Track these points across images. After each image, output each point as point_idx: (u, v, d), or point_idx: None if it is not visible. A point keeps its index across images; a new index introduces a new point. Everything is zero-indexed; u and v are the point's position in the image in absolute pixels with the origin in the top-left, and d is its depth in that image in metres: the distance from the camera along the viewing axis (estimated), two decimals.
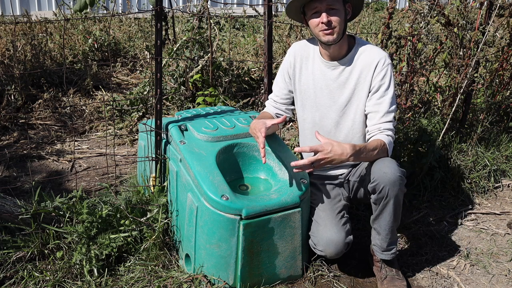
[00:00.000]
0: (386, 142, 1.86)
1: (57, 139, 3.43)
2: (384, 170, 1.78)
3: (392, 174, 1.76)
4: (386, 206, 1.83)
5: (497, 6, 2.83)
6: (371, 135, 1.91)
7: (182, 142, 2.00)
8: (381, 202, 1.83)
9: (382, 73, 1.90)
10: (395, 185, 1.77)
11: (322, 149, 1.72)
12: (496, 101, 3.29)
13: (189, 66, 3.63)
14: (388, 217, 1.86)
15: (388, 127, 1.89)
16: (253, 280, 1.88)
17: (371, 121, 1.93)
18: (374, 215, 1.92)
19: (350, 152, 1.73)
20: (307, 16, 1.89)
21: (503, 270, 2.19)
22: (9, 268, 1.94)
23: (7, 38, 4.36)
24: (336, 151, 1.72)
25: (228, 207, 1.74)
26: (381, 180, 1.78)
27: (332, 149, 1.72)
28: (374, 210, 1.91)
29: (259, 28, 6.82)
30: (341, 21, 1.83)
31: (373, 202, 1.88)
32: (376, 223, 1.92)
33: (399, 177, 1.77)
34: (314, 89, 2.01)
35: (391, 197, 1.80)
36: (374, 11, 8.17)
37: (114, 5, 2.45)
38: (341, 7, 1.83)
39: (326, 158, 1.72)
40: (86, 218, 1.95)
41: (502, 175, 3.02)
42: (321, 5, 1.81)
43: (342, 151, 1.72)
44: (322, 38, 1.86)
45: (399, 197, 1.81)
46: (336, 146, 1.73)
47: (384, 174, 1.77)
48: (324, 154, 1.72)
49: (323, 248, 1.87)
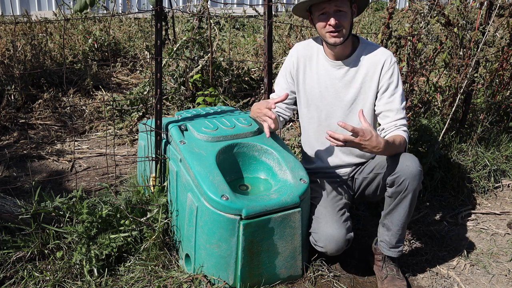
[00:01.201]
0: (405, 137, 1.89)
1: (57, 139, 3.43)
2: (406, 163, 1.80)
3: (414, 168, 1.79)
4: (403, 200, 1.85)
5: (497, 6, 2.83)
6: (388, 132, 1.92)
7: (182, 142, 2.00)
8: (398, 196, 1.84)
9: (390, 72, 1.92)
10: (416, 179, 1.79)
11: (362, 134, 1.70)
12: (496, 101, 3.29)
13: (189, 66, 3.63)
14: (403, 212, 1.87)
15: (403, 123, 1.91)
16: (253, 280, 1.88)
17: (385, 119, 1.94)
18: (387, 210, 1.92)
19: (383, 147, 1.74)
20: (314, 16, 1.89)
21: (503, 270, 2.19)
22: (9, 268, 1.94)
23: (7, 38, 4.35)
24: (372, 142, 1.72)
25: (228, 207, 1.74)
26: (402, 173, 1.80)
27: (371, 138, 1.71)
28: (387, 204, 1.92)
29: (259, 28, 6.82)
30: (348, 23, 1.85)
31: (389, 196, 1.89)
32: (388, 218, 1.93)
33: (420, 172, 1.80)
34: (319, 88, 2.02)
35: (409, 191, 1.82)
36: (374, 11, 8.17)
37: (114, 5, 2.45)
38: (348, 8, 1.84)
39: (361, 144, 1.71)
40: (86, 218, 1.95)
41: (502, 175, 3.02)
42: (329, 6, 1.81)
43: (377, 144, 1.73)
44: (329, 40, 1.87)
45: (416, 192, 1.84)
46: (374, 137, 1.72)
47: (406, 167, 1.79)
48: (362, 139, 1.70)
49: (324, 244, 1.88)
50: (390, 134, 1.89)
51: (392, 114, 1.92)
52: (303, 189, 1.88)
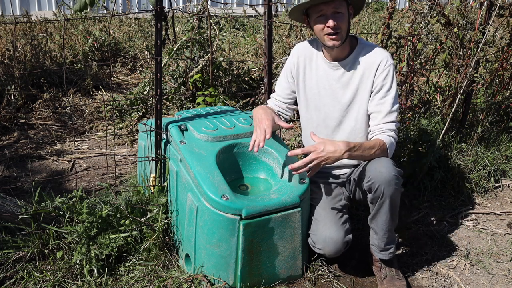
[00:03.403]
0: (387, 143, 1.86)
1: (57, 139, 3.43)
2: (379, 170, 1.78)
3: (388, 173, 1.76)
4: (382, 205, 1.83)
5: (497, 6, 2.82)
6: (373, 135, 1.92)
7: (182, 142, 2.00)
8: (377, 202, 1.83)
9: (384, 73, 1.90)
10: (390, 184, 1.77)
11: (314, 149, 1.73)
12: (496, 101, 3.29)
13: (189, 66, 3.63)
14: (385, 217, 1.86)
15: (390, 127, 1.89)
16: (253, 280, 1.88)
17: (373, 121, 1.93)
18: (371, 215, 1.92)
19: (344, 148, 1.73)
20: (311, 19, 1.88)
21: (503, 270, 2.19)
22: (9, 268, 1.94)
23: (7, 38, 4.35)
24: (328, 150, 1.72)
25: (228, 207, 1.74)
26: (376, 179, 1.78)
27: (325, 148, 1.72)
28: (371, 209, 1.91)
29: (259, 28, 6.82)
30: (346, 25, 1.84)
31: (370, 202, 1.88)
32: (374, 222, 1.92)
33: (395, 177, 1.77)
34: (317, 89, 2.02)
35: (386, 197, 1.79)
36: (374, 11, 8.16)
37: (114, 5, 2.45)
38: (345, 10, 1.84)
39: (319, 157, 1.73)
40: (86, 218, 1.95)
41: (502, 175, 3.02)
42: (327, 8, 1.80)
43: (335, 148, 1.73)
44: (328, 43, 1.86)
45: (395, 196, 1.81)
46: (328, 144, 1.73)
47: (379, 174, 1.77)
48: (316, 154, 1.72)
49: (322, 246, 1.88)
50: (373, 138, 1.89)
51: (380, 116, 1.90)
52: (303, 189, 1.88)
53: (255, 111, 2.07)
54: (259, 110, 2.02)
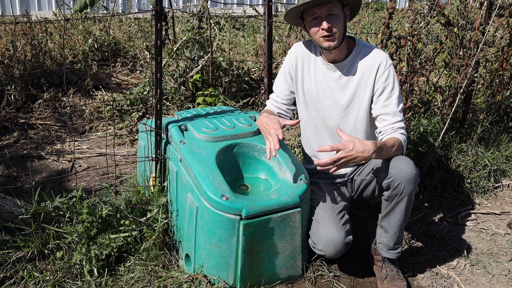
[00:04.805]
0: (402, 140, 1.87)
1: (57, 139, 3.43)
2: (401, 167, 1.78)
3: (409, 171, 1.77)
4: (399, 203, 1.84)
5: (497, 6, 2.83)
6: (385, 134, 1.91)
7: (182, 142, 2.00)
8: (394, 199, 1.84)
9: (385, 74, 1.90)
10: (411, 182, 1.78)
11: (344, 147, 1.70)
12: (496, 101, 3.29)
13: (189, 66, 3.63)
14: (399, 215, 1.87)
15: (400, 126, 1.90)
16: (253, 280, 1.88)
17: (382, 122, 1.93)
18: (384, 213, 1.92)
19: (373, 149, 1.72)
20: (306, 22, 1.88)
21: (503, 270, 2.19)
22: (9, 268, 1.94)
23: (7, 38, 4.35)
24: (358, 149, 1.70)
25: (228, 207, 1.74)
26: (397, 177, 1.78)
27: (354, 146, 1.70)
28: (384, 207, 1.91)
29: (259, 28, 6.82)
30: (341, 26, 1.84)
31: (385, 199, 1.88)
32: (385, 220, 1.92)
33: (415, 175, 1.79)
34: (316, 90, 2.02)
35: (405, 195, 1.80)
36: (374, 11, 8.16)
37: (114, 5, 2.45)
38: (340, 12, 1.83)
39: (348, 156, 1.70)
40: (86, 218, 1.95)
41: (502, 175, 3.02)
42: (321, 10, 1.80)
43: (365, 148, 1.71)
44: (323, 44, 1.86)
45: (412, 195, 1.83)
46: (358, 143, 1.71)
47: (401, 171, 1.78)
48: (346, 152, 1.70)
49: (323, 248, 1.88)
50: (387, 137, 1.89)
51: (389, 117, 1.90)
52: (303, 189, 1.88)
53: (258, 122, 2.05)
54: (262, 119, 1.99)
